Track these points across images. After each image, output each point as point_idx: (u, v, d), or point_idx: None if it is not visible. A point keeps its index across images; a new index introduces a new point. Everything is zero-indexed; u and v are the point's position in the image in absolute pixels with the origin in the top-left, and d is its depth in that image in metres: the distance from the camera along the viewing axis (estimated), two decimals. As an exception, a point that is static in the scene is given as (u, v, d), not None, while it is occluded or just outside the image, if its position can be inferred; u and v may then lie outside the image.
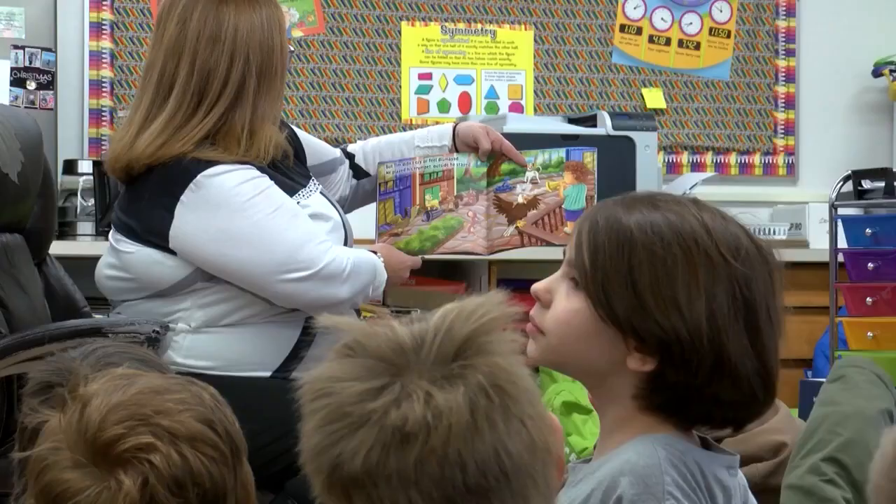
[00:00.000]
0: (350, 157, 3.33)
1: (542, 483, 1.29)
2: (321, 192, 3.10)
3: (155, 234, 2.94)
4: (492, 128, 3.25)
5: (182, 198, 2.90)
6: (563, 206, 3.12)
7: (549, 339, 1.72)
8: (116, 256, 3.02)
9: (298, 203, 2.99)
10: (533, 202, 3.14)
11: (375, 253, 3.06)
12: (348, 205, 3.33)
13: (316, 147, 3.29)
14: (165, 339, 2.94)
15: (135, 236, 2.97)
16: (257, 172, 2.94)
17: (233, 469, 1.57)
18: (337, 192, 3.29)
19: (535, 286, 1.75)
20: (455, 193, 3.16)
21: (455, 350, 1.28)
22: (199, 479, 1.52)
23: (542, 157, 3.14)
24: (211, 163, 2.91)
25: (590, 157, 3.11)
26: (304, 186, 3.07)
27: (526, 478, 1.27)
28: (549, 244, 3.11)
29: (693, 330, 1.64)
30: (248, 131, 2.93)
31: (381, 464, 1.24)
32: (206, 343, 2.96)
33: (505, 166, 3.16)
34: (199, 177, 2.89)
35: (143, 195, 2.96)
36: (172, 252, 2.93)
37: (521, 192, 3.15)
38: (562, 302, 1.71)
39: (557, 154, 3.13)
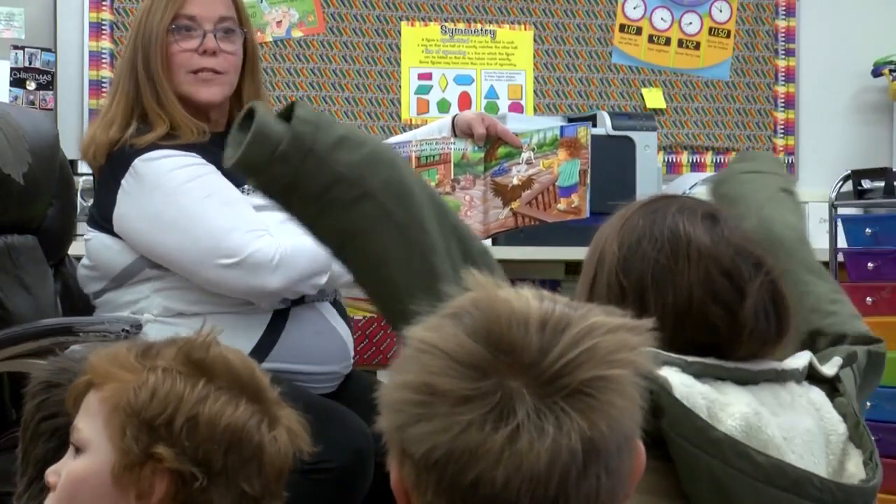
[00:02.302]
0: None
1: None
2: None
3: (105, 219, 2.96)
4: (487, 114, 3.25)
5: (122, 182, 2.92)
6: (556, 184, 3.10)
7: None
8: (85, 247, 3.05)
9: (248, 194, 2.93)
10: (527, 182, 3.11)
11: None
12: None
13: None
14: (136, 338, 2.92)
15: (94, 223, 3.01)
16: (199, 160, 2.92)
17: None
18: None
19: None
20: (452, 177, 3.14)
21: (576, 385, 1.20)
22: None
23: (536, 136, 3.12)
24: (150, 147, 2.92)
25: (583, 132, 3.08)
26: None
27: None
28: (542, 223, 3.08)
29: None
30: (157, 104, 2.97)
31: (439, 464, 1.20)
32: (171, 334, 2.94)
33: (501, 150, 3.14)
34: (136, 161, 2.91)
35: (100, 184, 3.01)
36: (120, 237, 2.95)
37: (517, 174, 3.12)
38: None
39: (552, 132, 3.11)
